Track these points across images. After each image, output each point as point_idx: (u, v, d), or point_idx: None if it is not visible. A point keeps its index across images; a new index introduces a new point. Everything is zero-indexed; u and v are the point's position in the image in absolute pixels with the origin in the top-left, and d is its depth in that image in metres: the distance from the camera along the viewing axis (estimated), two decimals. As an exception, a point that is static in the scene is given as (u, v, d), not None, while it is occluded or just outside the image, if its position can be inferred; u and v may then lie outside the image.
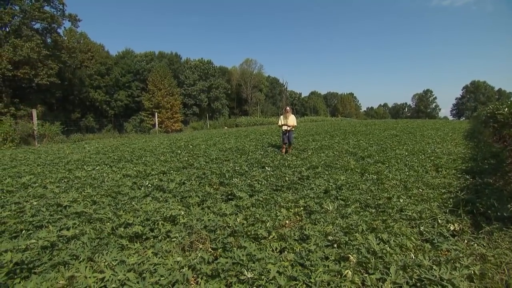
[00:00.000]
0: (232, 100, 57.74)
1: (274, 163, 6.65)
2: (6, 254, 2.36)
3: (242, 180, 5.07)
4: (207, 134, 17.58)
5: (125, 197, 4.06)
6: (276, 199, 4.09)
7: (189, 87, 45.76)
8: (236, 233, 2.99)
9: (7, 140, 13.37)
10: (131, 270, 2.26)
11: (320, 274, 2.27)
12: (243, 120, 37.43)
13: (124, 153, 8.78)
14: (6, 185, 4.90)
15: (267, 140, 12.03)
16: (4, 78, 25.18)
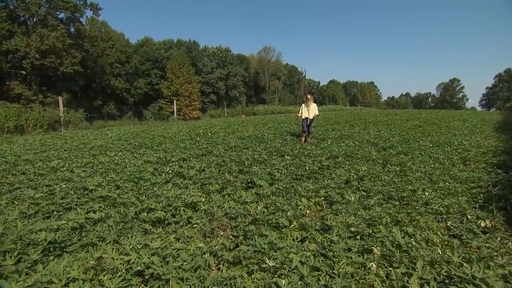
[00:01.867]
0: (250, 88, 57.44)
1: (294, 152, 6.59)
2: (41, 233, 2.49)
3: (261, 168, 5.06)
4: (225, 122, 17.66)
5: (147, 183, 4.17)
6: (296, 188, 4.06)
7: (207, 75, 45.87)
8: (257, 221, 2.99)
9: (37, 126, 14.06)
10: (155, 254, 2.32)
11: (344, 265, 2.23)
12: (261, 108, 37.27)
13: (145, 140, 9.00)
14: (38, 168, 5.16)
15: (286, 129, 11.93)
16: (33, 67, 26.29)
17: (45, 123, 14.58)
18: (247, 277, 2.21)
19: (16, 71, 26.85)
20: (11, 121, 13.09)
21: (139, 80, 40.27)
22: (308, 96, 8.99)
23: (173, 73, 34.68)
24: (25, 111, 14.22)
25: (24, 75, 27.58)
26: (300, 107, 9.11)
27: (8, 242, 2.33)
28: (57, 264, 2.11)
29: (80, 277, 1.95)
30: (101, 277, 2.01)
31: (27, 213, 3.17)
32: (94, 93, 36.52)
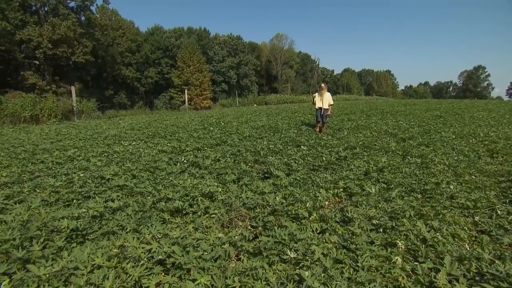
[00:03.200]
0: (262, 77, 56.93)
1: (309, 142, 6.53)
2: (63, 221, 2.57)
3: (277, 158, 5.05)
4: (237, 112, 17.66)
5: (163, 172, 4.23)
6: (314, 179, 4.03)
7: (218, 64, 45.66)
8: (276, 212, 2.99)
9: (51, 115, 14.44)
10: (175, 243, 2.35)
11: (367, 258, 2.20)
12: (273, 97, 37.00)
13: (158, 129, 9.12)
14: (55, 157, 5.32)
15: (300, 119, 11.84)
16: (46, 57, 26.81)
17: (59, 112, 14.94)
18: (268, 268, 2.22)
19: (29, 61, 27.49)
20: (27, 110, 13.49)
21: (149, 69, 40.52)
22: (322, 85, 8.81)
23: (183, 61, 34.70)
24: (39, 101, 14.60)
25: (38, 65, 28.22)
26: (313, 95, 8.96)
27: (33, 228, 2.42)
28: (81, 251, 2.17)
29: (105, 264, 2.00)
30: (124, 265, 2.06)
31: (48, 201, 3.29)
32: (106, 83, 37.07)
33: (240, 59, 47.35)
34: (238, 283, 1.99)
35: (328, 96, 8.64)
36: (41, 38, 25.63)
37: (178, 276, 2.08)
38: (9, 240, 2.26)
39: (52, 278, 1.87)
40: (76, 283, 1.80)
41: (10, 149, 6.27)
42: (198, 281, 1.99)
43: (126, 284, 1.87)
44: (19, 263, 2.07)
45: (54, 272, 1.90)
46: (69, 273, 1.93)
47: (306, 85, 65.44)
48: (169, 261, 2.15)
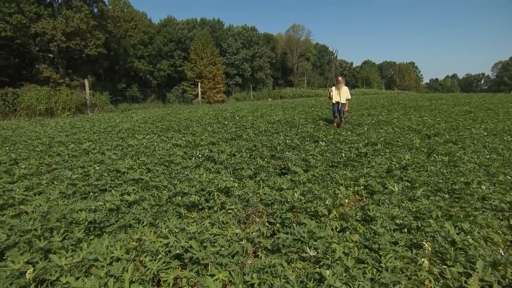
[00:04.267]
0: (277, 70, 56.56)
1: (328, 137, 6.49)
2: (81, 213, 2.67)
3: (294, 154, 5.05)
4: (252, 106, 17.71)
5: (178, 167, 4.31)
6: (333, 176, 4.00)
7: (232, 56, 45.66)
8: (295, 209, 2.99)
9: (65, 109, 14.94)
10: (192, 238, 2.40)
11: (391, 259, 2.17)
12: (288, 91, 36.76)
13: (171, 123, 9.29)
14: (71, 150, 5.52)
15: (317, 113, 11.75)
16: (59, 50, 27.64)
17: (73, 106, 15.44)
18: (287, 265, 2.23)
19: (44, 54, 28.42)
20: (42, 104, 14.01)
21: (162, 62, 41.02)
22: (339, 78, 8.66)
23: (196, 54, 34.89)
24: (54, 94, 15.12)
25: (52, 58, 29.15)
26: (330, 89, 8.82)
27: (53, 220, 2.54)
28: (100, 243, 2.26)
29: (123, 257, 2.07)
30: (142, 258, 2.12)
31: (66, 193, 3.43)
32: (118, 76, 37.89)
33: (255, 51, 47.14)
34: (256, 280, 2.01)
35: (346, 90, 8.49)
36: (55, 31, 26.40)
37: (195, 271, 2.12)
38: (31, 231, 2.39)
39: (73, 268, 1.96)
40: (96, 274, 1.87)
41: (27, 141, 6.55)
42: (216, 277, 2.03)
43: (145, 277, 1.93)
44: (41, 252, 2.18)
45: (75, 263, 1.98)
46: (89, 264, 2.01)
47: (323, 79, 64.50)
48: (186, 256, 2.20)
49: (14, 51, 27.96)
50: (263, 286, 1.97)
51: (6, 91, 13.82)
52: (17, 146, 6.04)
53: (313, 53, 62.43)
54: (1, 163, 4.69)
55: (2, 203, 3.08)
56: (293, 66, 57.02)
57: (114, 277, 1.85)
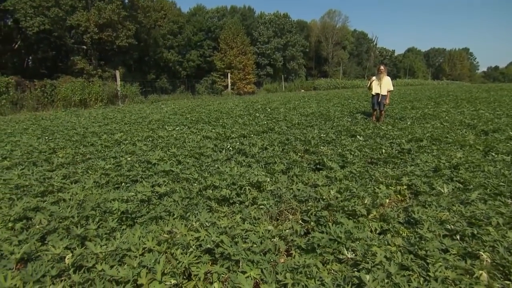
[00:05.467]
0: (310, 59, 55.49)
1: (366, 132, 6.29)
2: (114, 203, 2.83)
3: (330, 148, 4.96)
4: (283, 97, 17.64)
5: (208, 159, 4.42)
6: (372, 173, 3.87)
7: (263, 45, 45.49)
8: (331, 207, 2.92)
9: (98, 100, 15.88)
10: (223, 233, 2.44)
11: (441, 268, 2.05)
12: (323, 82, 36.06)
13: (201, 115, 9.53)
14: (104, 140, 5.88)
15: (354, 106, 11.43)
16: (92, 42, 29.28)
17: (105, 97, 16.37)
18: (322, 267, 2.19)
19: (78, 46, 30.27)
20: (77, 95, 15.01)
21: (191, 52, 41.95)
22: (381, 67, 8.27)
23: (226, 43, 35.19)
24: (87, 85, 16.11)
25: (85, 50, 30.96)
26: (370, 80, 8.46)
27: (89, 208, 2.72)
28: (132, 233, 2.37)
29: (155, 248, 2.16)
30: (173, 250, 2.20)
31: (99, 183, 3.64)
32: (148, 67, 39.37)
33: (287, 40, 46.55)
34: (290, 280, 2.00)
35: (388, 81, 8.09)
36: (88, 22, 27.95)
37: (226, 267, 2.16)
38: (69, 218, 2.57)
39: (107, 256, 2.08)
40: (129, 264, 1.97)
41: (64, 131, 7.07)
42: (247, 274, 2.04)
43: (176, 270, 1.99)
44: (78, 239, 2.34)
45: (109, 252, 2.10)
46: (122, 254, 2.12)
47: (361, 68, 62.26)
48: (217, 250, 2.24)
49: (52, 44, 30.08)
50: (297, 287, 1.95)
51: (45, 83, 14.96)
52: (55, 136, 6.55)
53: (350, 41, 60.32)
54: (42, 152, 5.14)
55: (43, 190, 3.37)
56: (328, 55, 55.56)
57: (147, 268, 1.94)
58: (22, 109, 13.50)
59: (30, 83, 14.75)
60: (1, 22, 27.13)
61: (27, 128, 7.94)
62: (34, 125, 8.51)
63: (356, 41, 63.66)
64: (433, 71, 79.36)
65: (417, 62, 75.22)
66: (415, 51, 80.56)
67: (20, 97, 13.80)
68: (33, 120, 9.66)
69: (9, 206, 2.94)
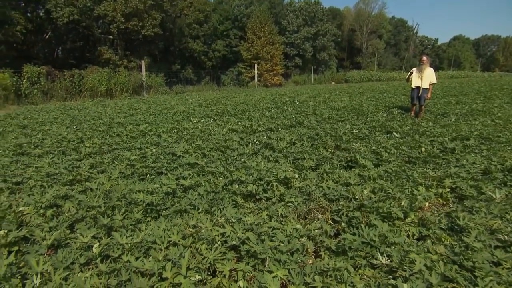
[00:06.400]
0: (342, 50, 54.13)
1: (403, 128, 6.08)
2: (139, 194, 2.93)
3: (363, 145, 4.84)
4: (313, 90, 17.44)
5: (234, 153, 4.47)
6: (410, 173, 3.72)
7: (292, 35, 44.92)
8: (364, 208, 2.85)
9: (123, 90, 16.49)
10: (250, 230, 2.45)
11: (492, 284, 1.92)
12: (355, 74, 35.11)
13: (227, 107, 9.65)
14: (129, 131, 6.12)
15: (390, 100, 11.06)
16: (119, 31, 30.35)
17: (130, 87, 16.97)
18: (353, 271, 2.14)
19: (105, 36, 31.51)
20: (103, 85, 15.68)
21: (217, 41, 42.32)
22: (424, 57, 7.86)
23: (253, 33, 35.09)
24: (113, 76, 16.76)
25: (112, 40, 32.18)
26: (409, 72, 8.10)
27: (115, 199, 2.84)
28: (157, 226, 2.44)
29: (180, 242, 2.21)
30: (198, 245, 2.24)
31: (125, 173, 3.80)
32: (173, 57, 40.24)
33: (318, 29, 45.63)
34: (319, 283, 1.97)
35: (430, 73, 7.68)
36: (115, 12, 28.96)
37: (252, 265, 2.17)
38: (96, 207, 2.70)
39: (133, 248, 2.16)
40: (155, 257, 2.03)
41: (91, 121, 7.44)
42: (274, 274, 2.04)
43: (201, 266, 2.03)
44: (104, 229, 2.45)
45: (135, 243, 2.18)
46: (147, 246, 2.19)
47: (398, 59, 59.81)
48: (243, 248, 2.25)
49: (80, 34, 31.53)
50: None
51: (73, 73, 15.75)
52: (82, 126, 6.91)
53: (387, 29, 57.99)
54: (70, 141, 5.46)
55: (71, 178, 3.57)
56: (361, 45, 53.83)
57: (172, 262, 1.99)
58: (52, 99, 14.33)
59: (59, 73, 15.59)
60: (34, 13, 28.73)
61: (57, 117, 8.43)
62: (63, 114, 9.01)
63: (394, 29, 61.05)
64: (484, 62, 74.37)
65: (464, 52, 70.88)
66: (463, 39, 75.92)
67: (50, 87, 14.63)
68: (62, 110, 10.23)
69: (40, 193, 3.15)
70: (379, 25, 55.25)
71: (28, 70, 13.75)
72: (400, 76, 37.36)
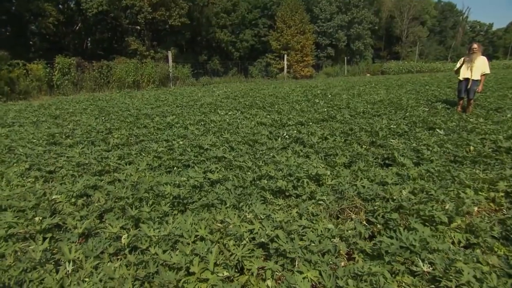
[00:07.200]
0: (379, 39, 52.29)
1: (449, 124, 5.82)
2: (167, 187, 3.02)
3: (401, 142, 4.70)
4: (346, 82, 17.12)
5: (263, 147, 4.50)
6: (456, 174, 3.54)
7: (324, 23, 43.99)
8: (403, 210, 2.76)
9: (150, 81, 17.01)
10: (279, 227, 2.45)
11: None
12: (393, 65, 33.94)
13: (255, 99, 9.72)
14: (156, 123, 6.33)
15: (433, 93, 10.61)
16: (146, 22, 31.24)
17: (157, 78, 17.47)
18: (390, 277, 2.08)
19: (132, 26, 32.57)
20: (130, 76, 16.26)
21: (245, 31, 42.38)
22: (474, 45, 7.36)
23: (283, 21, 34.77)
24: (140, 67, 17.32)
25: (139, 31, 33.21)
26: (462, 61, 7.61)
27: (142, 190, 2.95)
28: (184, 220, 2.51)
29: (208, 237, 2.25)
30: (226, 241, 2.27)
31: (152, 165, 3.94)
32: (200, 47, 40.86)
33: (353, 16, 44.33)
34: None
35: (482, 62, 7.20)
36: (143, 2, 29.80)
37: (281, 264, 2.17)
38: (124, 198, 2.83)
39: (160, 240, 2.23)
40: (182, 250, 2.08)
41: (119, 112, 7.76)
42: (304, 275, 2.03)
43: (229, 262, 2.06)
44: (132, 220, 2.56)
45: (163, 236, 2.26)
46: (175, 239, 2.26)
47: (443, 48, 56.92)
48: (271, 245, 2.25)
49: (108, 24, 32.81)
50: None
51: (102, 64, 16.46)
52: (110, 117, 7.23)
53: (431, 15, 55.24)
54: (99, 132, 5.75)
55: (100, 169, 3.77)
56: (401, 33, 51.67)
57: (199, 257, 2.03)
58: (81, 90, 15.09)
59: (89, 64, 16.36)
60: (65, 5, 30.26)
61: (86, 108, 8.89)
62: (92, 105, 9.48)
63: (439, 14, 58.01)
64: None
65: (524, 39, 65.97)
66: (521, 25, 70.66)
67: (80, 78, 15.41)
68: (91, 101, 10.76)
69: (72, 182, 3.36)
70: (423, 11, 52.70)
71: (60, 61, 14.55)
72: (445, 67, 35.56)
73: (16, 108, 9.45)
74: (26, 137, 5.45)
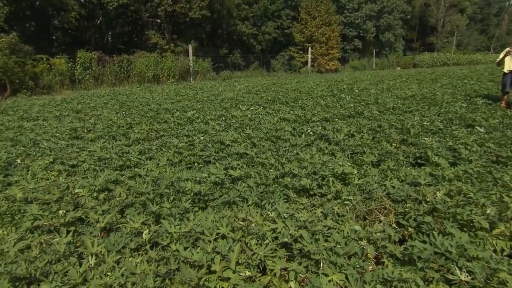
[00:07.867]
0: (412, 29, 50.64)
1: (490, 122, 5.61)
2: (187, 183, 3.08)
3: (436, 140, 4.58)
4: (374, 76, 16.77)
5: (286, 144, 4.51)
6: (498, 176, 3.39)
7: (352, 13, 43.10)
8: (437, 213, 2.68)
9: (170, 75, 17.33)
10: (303, 227, 2.44)
11: None
12: (426, 58, 32.87)
13: (278, 94, 9.73)
14: (176, 118, 6.47)
15: (472, 87, 10.21)
16: (166, 15, 31.77)
17: (177, 72, 17.77)
18: (423, 285, 2.03)
19: (152, 20, 33.23)
20: (150, 70, 16.63)
21: (267, 23, 42.22)
22: None
23: (307, 12, 34.36)
24: (160, 61, 17.67)
25: (159, 24, 33.83)
26: (506, 51, 7.33)
27: (163, 186, 3.03)
28: (205, 217, 2.55)
29: (229, 235, 2.28)
30: (247, 240, 2.29)
31: (173, 161, 4.03)
32: (220, 41, 41.11)
33: (383, 5, 43.14)
34: (381, 293, 1.90)
35: None
36: (163, -6, 30.31)
37: (304, 266, 2.16)
38: (145, 193, 2.91)
39: (181, 237, 2.28)
40: (203, 248, 2.12)
41: (139, 107, 7.98)
42: (329, 278, 2.01)
43: (251, 262, 2.08)
44: (153, 216, 2.63)
45: (184, 233, 2.30)
46: (196, 236, 2.30)
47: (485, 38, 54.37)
48: (295, 246, 2.25)
49: (128, 18, 33.61)
50: (390, 302, 1.85)
51: (122, 58, 16.92)
52: (131, 111, 7.45)
53: (472, 1, 52.80)
54: (120, 127, 5.96)
55: (121, 164, 3.91)
56: (437, 23, 49.76)
57: (221, 255, 2.06)
58: (102, 84, 15.60)
59: (109, 58, 16.85)
60: (87, -1, 31.27)
61: (107, 102, 9.20)
62: (113, 100, 9.79)
63: (481, 1, 55.38)
64: None
65: None
66: None
67: (101, 72, 15.92)
68: (111, 95, 11.13)
69: (93, 176, 3.51)
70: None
71: (81, 55, 15.10)
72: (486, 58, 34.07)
73: (40, 102, 9.92)
74: (50, 131, 5.73)
